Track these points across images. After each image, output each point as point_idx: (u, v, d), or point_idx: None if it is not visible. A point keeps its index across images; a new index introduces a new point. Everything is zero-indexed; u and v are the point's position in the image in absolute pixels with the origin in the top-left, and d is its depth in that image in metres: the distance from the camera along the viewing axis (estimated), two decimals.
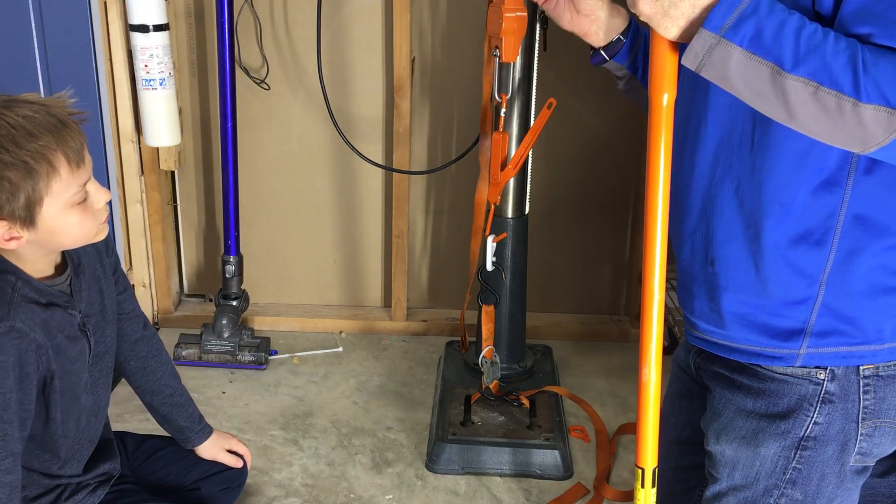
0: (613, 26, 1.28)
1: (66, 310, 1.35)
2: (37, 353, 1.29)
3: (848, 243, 1.10)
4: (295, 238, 2.88)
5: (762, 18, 0.95)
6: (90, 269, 1.43)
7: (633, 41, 1.29)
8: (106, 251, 1.49)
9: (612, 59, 1.31)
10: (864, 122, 0.93)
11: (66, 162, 1.21)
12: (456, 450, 2.15)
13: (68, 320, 1.36)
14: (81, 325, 1.39)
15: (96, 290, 1.44)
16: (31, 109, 1.20)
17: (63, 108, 1.24)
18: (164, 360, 1.66)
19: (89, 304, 1.41)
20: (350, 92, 2.69)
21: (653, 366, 1.16)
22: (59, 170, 1.21)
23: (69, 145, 1.21)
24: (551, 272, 2.87)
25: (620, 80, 1.37)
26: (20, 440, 1.30)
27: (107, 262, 1.49)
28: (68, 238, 1.29)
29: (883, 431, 1.18)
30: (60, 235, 1.27)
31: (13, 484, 1.29)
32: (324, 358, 2.72)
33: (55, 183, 1.21)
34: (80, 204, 1.26)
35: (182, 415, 1.66)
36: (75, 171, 1.23)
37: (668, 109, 1.08)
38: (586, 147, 2.72)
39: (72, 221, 1.26)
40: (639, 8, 1.01)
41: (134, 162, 2.65)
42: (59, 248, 1.33)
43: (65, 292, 1.36)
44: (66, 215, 1.25)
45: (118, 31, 2.48)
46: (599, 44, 1.30)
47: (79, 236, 1.30)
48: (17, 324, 1.27)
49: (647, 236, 1.12)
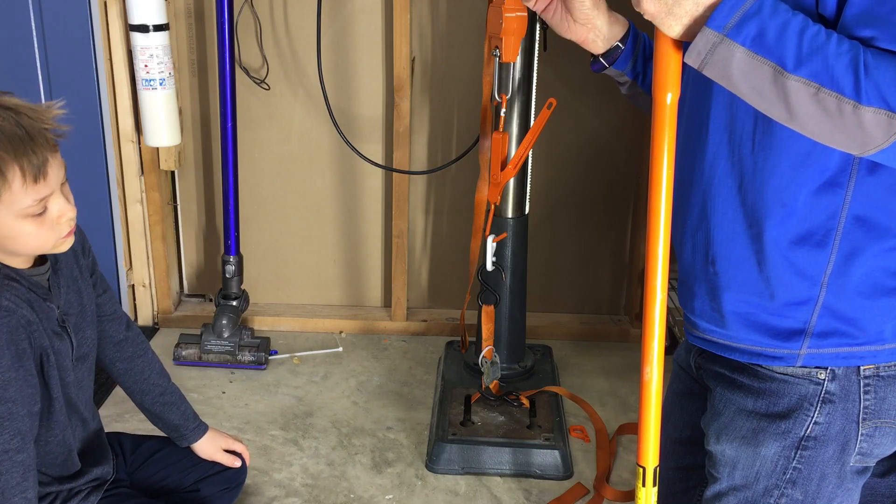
0: (612, 34, 1.28)
1: (45, 301, 1.35)
2: (27, 330, 1.28)
3: (849, 244, 1.10)
4: (295, 238, 2.88)
5: (765, 18, 0.95)
6: (67, 269, 1.43)
7: (632, 48, 1.30)
8: (82, 252, 1.49)
9: (612, 66, 1.32)
10: (863, 124, 0.93)
11: (20, 175, 1.19)
12: (456, 450, 2.15)
13: (46, 312, 1.35)
14: (60, 322, 1.38)
15: (74, 290, 1.43)
16: (1, 116, 1.19)
17: (40, 120, 1.22)
18: (150, 359, 1.66)
19: (68, 304, 1.41)
20: (350, 92, 2.69)
21: (655, 365, 1.16)
22: (11, 182, 1.19)
23: (29, 160, 1.19)
24: (551, 272, 2.87)
25: (622, 85, 1.38)
26: (28, 418, 1.29)
27: (83, 264, 1.48)
28: (21, 245, 1.27)
29: (883, 432, 1.18)
30: (12, 242, 1.26)
31: (26, 463, 1.28)
32: (324, 358, 2.72)
33: (5, 193, 1.19)
34: (37, 216, 1.24)
35: (174, 413, 1.66)
36: (31, 186, 1.20)
37: (671, 108, 1.08)
38: (586, 147, 2.72)
39: (25, 231, 1.24)
40: (643, 7, 1.02)
41: (134, 162, 2.66)
42: (15, 252, 1.30)
43: (43, 285, 1.36)
44: (18, 224, 1.23)
45: (118, 31, 2.49)
46: (598, 51, 1.30)
47: (32, 246, 1.28)
48: (3, 301, 1.26)
49: (650, 235, 1.12)
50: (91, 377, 1.50)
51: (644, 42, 1.32)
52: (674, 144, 1.09)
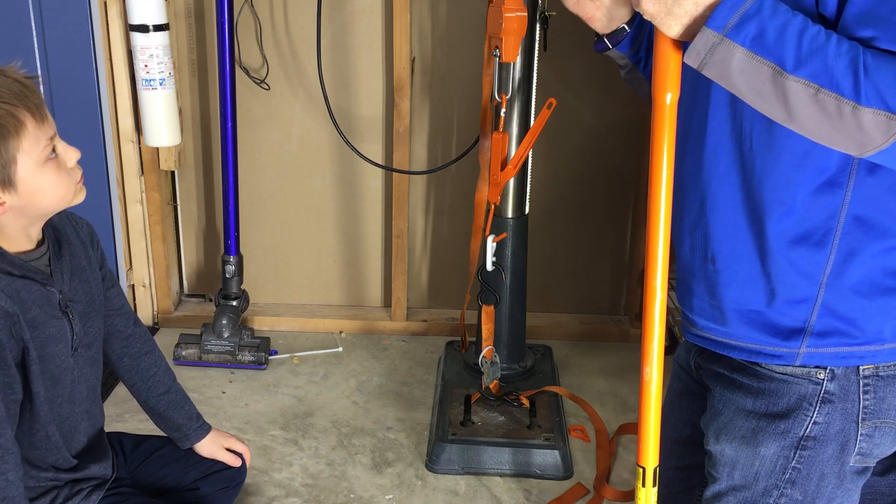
0: (618, 15, 1.27)
1: (44, 286, 1.36)
2: (7, 321, 1.29)
3: (848, 244, 1.10)
4: (295, 238, 2.89)
5: (765, 19, 0.95)
6: (74, 258, 1.44)
7: (636, 32, 1.29)
8: (91, 245, 1.52)
9: (615, 48, 1.31)
10: (863, 125, 0.93)
11: (31, 117, 1.26)
12: (456, 450, 2.15)
13: (45, 296, 1.36)
14: (62, 306, 1.39)
15: (81, 279, 1.45)
16: None
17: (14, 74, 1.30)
18: (157, 357, 1.67)
19: (73, 290, 1.42)
20: (350, 92, 2.69)
21: (655, 364, 1.16)
22: (27, 124, 1.25)
23: (31, 101, 1.27)
24: (551, 272, 2.87)
25: (623, 69, 1.37)
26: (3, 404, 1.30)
27: (92, 255, 1.51)
28: (47, 199, 1.31)
29: (883, 432, 1.18)
30: (39, 196, 1.30)
31: (5, 446, 1.30)
32: (324, 358, 2.72)
33: (25, 139, 1.25)
34: (52, 161, 1.30)
35: (179, 412, 1.66)
36: (41, 125, 1.28)
37: (671, 108, 1.08)
38: (586, 147, 2.72)
39: (48, 179, 1.29)
40: (642, 6, 1.02)
41: (134, 162, 2.66)
42: (41, 212, 1.34)
43: (41, 269, 1.37)
44: (41, 173, 1.28)
45: (118, 30, 2.49)
46: (603, 30, 1.29)
47: (57, 196, 1.32)
48: None
49: (650, 235, 1.12)
50: (95, 368, 1.51)
51: (649, 29, 1.31)
52: (674, 144, 1.09)
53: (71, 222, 1.49)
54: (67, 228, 1.47)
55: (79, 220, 1.52)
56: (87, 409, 1.50)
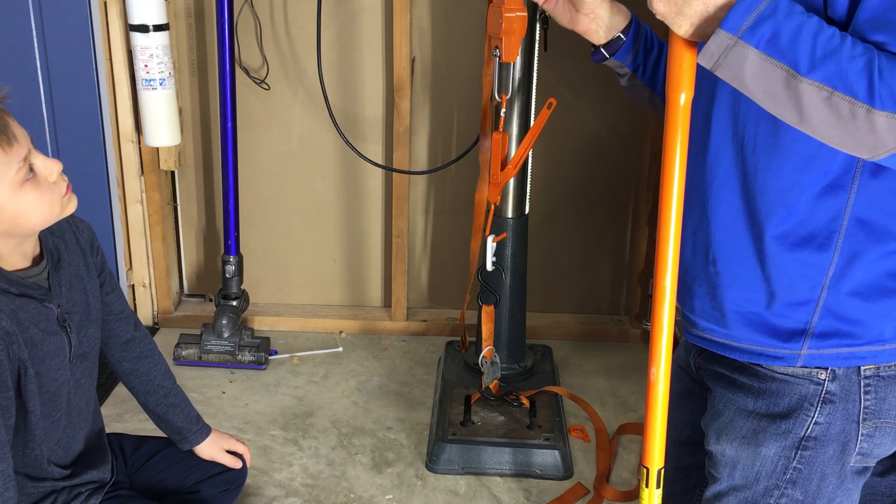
0: (614, 24, 1.28)
1: (42, 302, 1.33)
2: (5, 341, 1.27)
3: (851, 247, 1.10)
4: (295, 238, 2.89)
5: (780, 21, 0.95)
6: (72, 267, 1.41)
7: (633, 39, 1.29)
8: (91, 251, 1.48)
9: (613, 57, 1.31)
10: (876, 128, 0.93)
11: None
12: (456, 450, 2.15)
13: (44, 313, 1.33)
14: (60, 321, 1.37)
15: (79, 288, 1.42)
16: None
17: None
18: (157, 360, 1.66)
19: (70, 301, 1.39)
20: (350, 92, 2.69)
21: (661, 365, 1.15)
22: None
23: None
24: (551, 272, 2.87)
25: (622, 77, 1.37)
26: (4, 429, 1.28)
27: (91, 262, 1.47)
28: (32, 219, 1.26)
29: (884, 432, 1.18)
30: (24, 218, 1.24)
31: (6, 472, 1.27)
32: (324, 358, 2.72)
33: None
34: (31, 181, 1.23)
35: (179, 415, 1.66)
36: (9, 149, 1.19)
37: (685, 108, 1.07)
38: (586, 147, 2.72)
39: (28, 201, 1.23)
40: (654, 6, 1.02)
41: (134, 162, 2.66)
42: (30, 231, 1.29)
43: (41, 285, 1.34)
44: (19, 196, 1.22)
45: (118, 31, 2.48)
46: (600, 41, 1.29)
47: (41, 214, 1.26)
48: None
49: (660, 235, 1.11)
50: (92, 378, 1.50)
51: (646, 34, 1.31)
52: (686, 145, 1.08)
53: (72, 227, 1.45)
54: (67, 234, 1.43)
55: (80, 224, 1.48)
56: (84, 418, 1.49)
